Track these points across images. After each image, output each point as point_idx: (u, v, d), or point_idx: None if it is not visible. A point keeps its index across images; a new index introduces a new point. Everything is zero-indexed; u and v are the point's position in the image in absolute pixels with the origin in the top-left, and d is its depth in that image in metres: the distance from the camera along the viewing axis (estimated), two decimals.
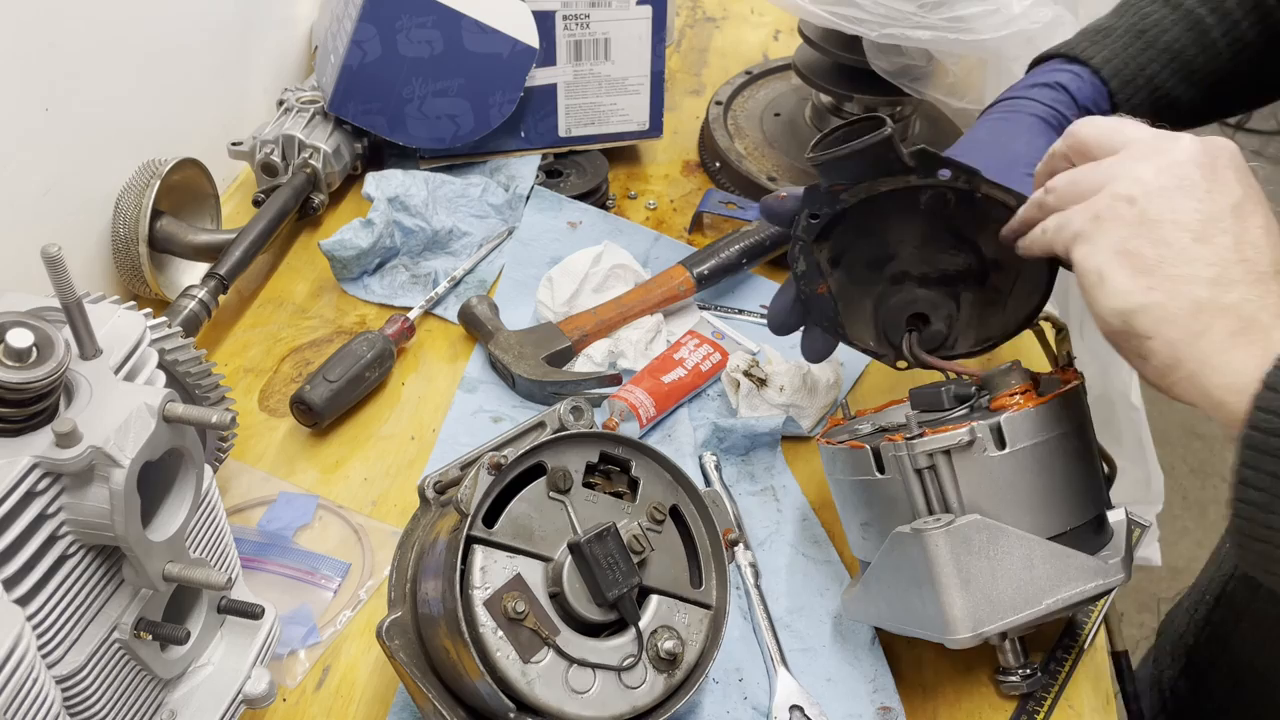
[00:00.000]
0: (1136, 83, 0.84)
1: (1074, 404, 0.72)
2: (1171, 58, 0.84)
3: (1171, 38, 0.84)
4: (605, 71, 1.19)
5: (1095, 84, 0.84)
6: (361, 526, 0.87)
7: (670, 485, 0.72)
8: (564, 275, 1.04)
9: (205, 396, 0.79)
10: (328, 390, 0.92)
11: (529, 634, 0.64)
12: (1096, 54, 0.84)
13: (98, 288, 0.92)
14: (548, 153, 1.22)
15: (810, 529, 0.88)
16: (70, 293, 0.57)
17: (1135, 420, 1.25)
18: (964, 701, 0.76)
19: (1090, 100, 0.83)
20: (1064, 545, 0.69)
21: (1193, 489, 2.32)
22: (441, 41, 1.10)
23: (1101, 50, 0.85)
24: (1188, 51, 0.84)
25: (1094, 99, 0.83)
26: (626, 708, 0.65)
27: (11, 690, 0.53)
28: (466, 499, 0.64)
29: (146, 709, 0.66)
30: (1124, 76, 0.84)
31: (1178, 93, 0.85)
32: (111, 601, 0.61)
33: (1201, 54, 0.85)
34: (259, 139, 1.14)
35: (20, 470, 0.53)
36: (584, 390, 0.95)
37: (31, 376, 0.53)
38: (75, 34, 0.94)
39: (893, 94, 1.14)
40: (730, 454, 0.93)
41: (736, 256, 1.05)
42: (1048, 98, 0.83)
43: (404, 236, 1.08)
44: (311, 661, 0.78)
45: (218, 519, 0.69)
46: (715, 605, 0.71)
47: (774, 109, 1.32)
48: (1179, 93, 0.85)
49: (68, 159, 0.96)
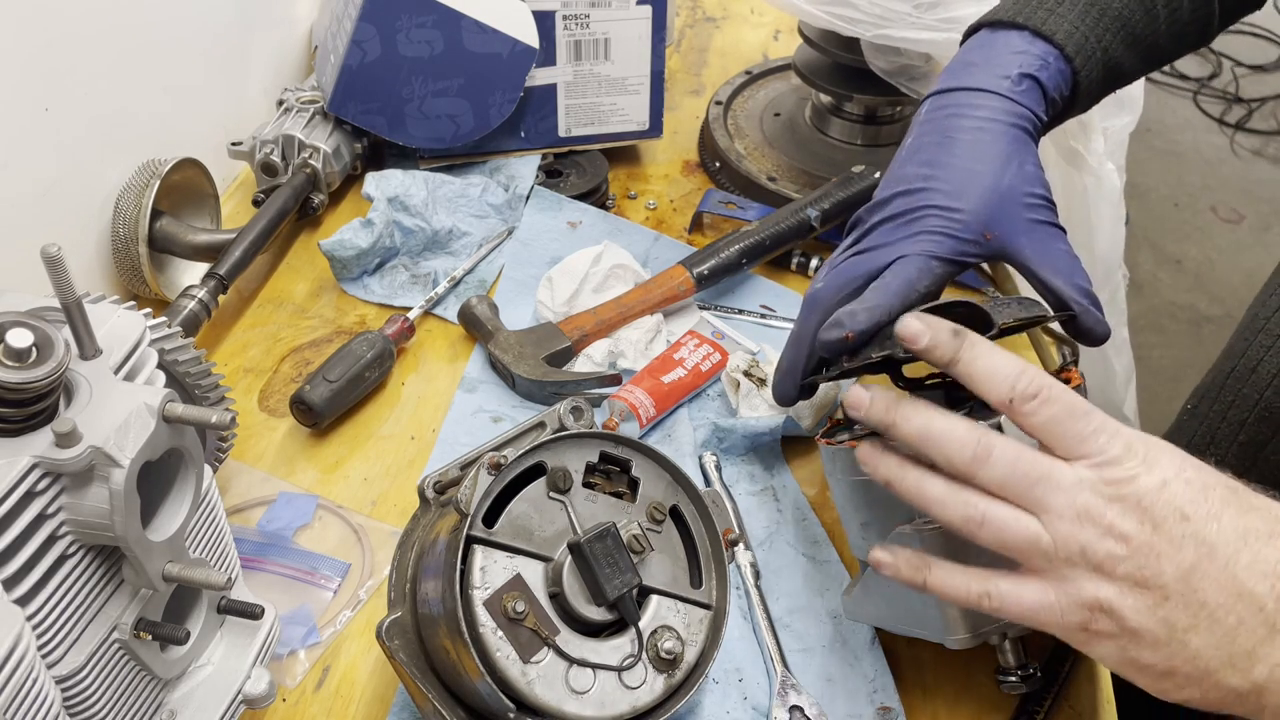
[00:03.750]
0: (1095, 57, 0.80)
1: None
2: (1121, 26, 0.81)
3: (1121, 4, 0.81)
4: (605, 71, 1.19)
5: (1061, 67, 0.79)
6: (361, 526, 0.87)
7: (670, 485, 0.72)
8: (564, 275, 1.04)
9: (205, 396, 0.79)
10: (327, 390, 0.92)
11: (529, 634, 0.64)
12: (1059, 28, 0.79)
13: (98, 288, 0.92)
14: (548, 153, 1.22)
15: (810, 529, 0.88)
16: (70, 293, 0.57)
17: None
18: (964, 702, 0.76)
19: (1057, 89, 0.79)
20: None
21: None
22: (441, 41, 1.10)
23: (1063, 24, 0.79)
24: (1134, 18, 0.82)
25: (1060, 86, 0.79)
26: (626, 708, 0.65)
27: (11, 690, 0.53)
28: (466, 499, 0.64)
29: (146, 709, 0.66)
30: (1086, 53, 0.79)
31: (1124, 62, 0.83)
32: (111, 601, 0.61)
33: (1144, 21, 0.83)
34: (259, 139, 1.14)
35: (20, 470, 0.53)
36: (584, 390, 0.95)
37: (31, 376, 0.53)
38: (74, 34, 0.94)
39: (892, 94, 1.14)
40: (730, 454, 0.93)
41: (736, 256, 1.06)
42: (1023, 96, 0.77)
43: (404, 236, 1.09)
44: (311, 661, 0.78)
45: (218, 519, 0.69)
46: (715, 605, 0.71)
47: (774, 109, 1.32)
48: (1125, 62, 0.83)
49: (68, 159, 0.96)
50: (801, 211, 1.08)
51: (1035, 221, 0.74)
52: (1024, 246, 0.74)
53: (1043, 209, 0.75)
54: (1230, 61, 3.79)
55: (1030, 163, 0.76)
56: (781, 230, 1.07)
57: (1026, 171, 0.75)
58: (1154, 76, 3.63)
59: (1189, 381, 2.09)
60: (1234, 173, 3.39)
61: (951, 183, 0.75)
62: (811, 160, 1.23)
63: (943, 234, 0.74)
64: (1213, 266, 3.10)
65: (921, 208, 0.75)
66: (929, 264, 0.74)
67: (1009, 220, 0.74)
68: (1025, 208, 0.74)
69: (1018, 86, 0.77)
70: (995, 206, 0.74)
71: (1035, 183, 0.75)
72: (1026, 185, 0.75)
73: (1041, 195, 0.75)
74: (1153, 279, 3.02)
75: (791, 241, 1.08)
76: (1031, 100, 0.77)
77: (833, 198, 1.10)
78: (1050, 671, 0.78)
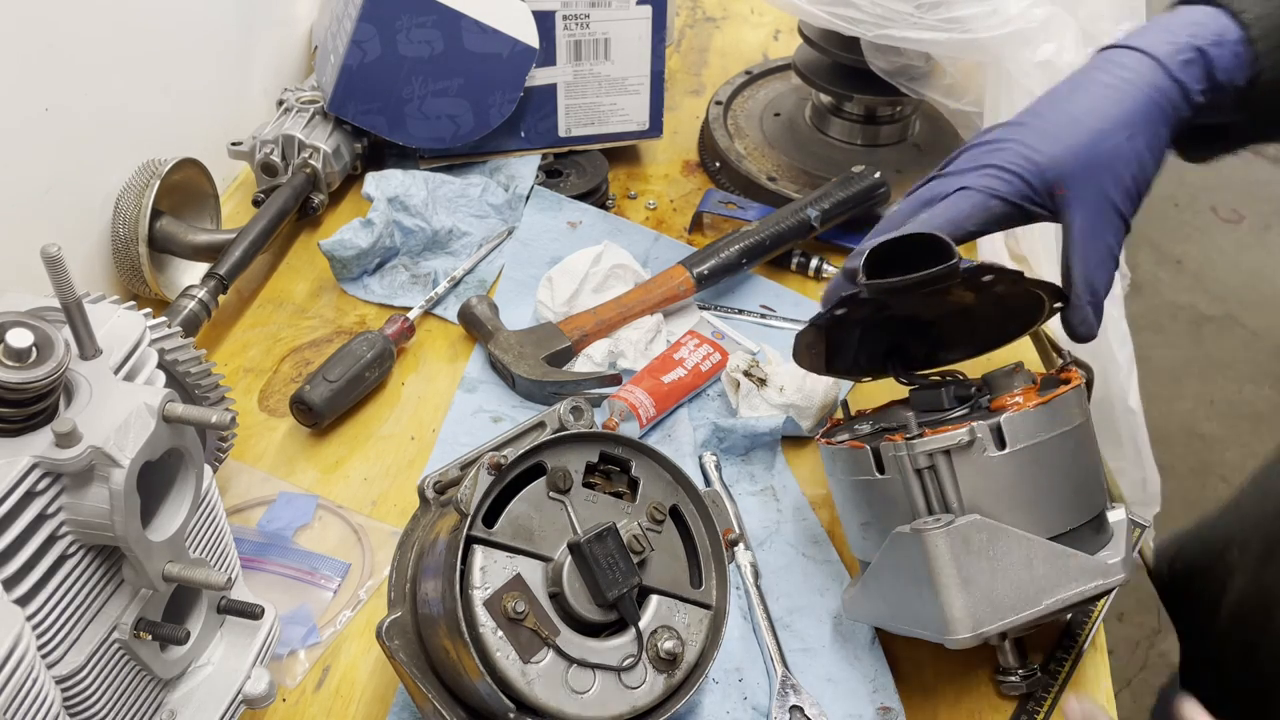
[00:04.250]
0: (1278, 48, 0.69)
1: (1075, 404, 0.72)
2: None
3: None
4: (605, 71, 1.19)
5: (1239, 50, 0.69)
6: (361, 526, 0.87)
7: (670, 485, 0.72)
8: (564, 275, 1.04)
9: (205, 396, 0.79)
10: (327, 390, 0.92)
11: (529, 634, 0.64)
12: (1249, 6, 0.70)
13: (98, 288, 0.92)
14: (548, 153, 1.22)
15: (810, 529, 0.87)
16: (70, 293, 0.57)
17: (1133, 423, 1.25)
18: (964, 701, 0.76)
19: (1228, 74, 0.69)
20: (1064, 545, 0.69)
21: (1193, 489, 2.32)
22: (441, 41, 1.10)
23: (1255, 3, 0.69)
24: None
25: (1232, 71, 0.69)
26: (626, 708, 0.65)
27: (11, 690, 0.53)
28: (466, 499, 0.64)
29: (146, 709, 0.66)
30: (1272, 39, 0.69)
31: None
32: (111, 601, 0.61)
33: None
34: (259, 139, 1.14)
35: (20, 470, 0.53)
36: (584, 390, 0.95)
37: (31, 376, 0.53)
38: (75, 34, 0.94)
39: (892, 94, 1.14)
40: (730, 454, 0.93)
41: (736, 256, 1.05)
42: (1180, 69, 0.69)
43: (404, 236, 1.08)
44: (311, 661, 0.78)
45: (218, 519, 0.69)
46: (715, 605, 0.71)
47: (774, 109, 1.32)
48: None
49: (68, 159, 0.96)
50: (801, 211, 1.08)
51: (1106, 202, 0.69)
52: (1077, 221, 0.69)
53: (1124, 194, 0.69)
54: None
55: (1145, 139, 0.68)
56: (781, 230, 1.07)
57: (1134, 146, 0.68)
58: None
59: (1189, 381, 2.10)
60: (1234, 173, 3.38)
61: (1049, 124, 0.69)
62: (811, 160, 1.23)
63: (1014, 172, 0.69)
64: (1213, 266, 3.09)
65: (1007, 140, 0.70)
66: (986, 201, 0.69)
67: (1084, 186, 0.68)
68: (1109, 182, 0.68)
69: (1179, 55, 0.69)
70: (1079, 165, 0.68)
71: (1134, 164, 0.69)
72: (1123, 162, 0.68)
73: (1133, 180, 0.69)
74: (1153, 279, 3.01)
75: (791, 241, 1.08)
76: (1189, 75, 0.69)
77: (833, 198, 1.10)
78: (1050, 672, 0.78)
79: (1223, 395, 2.55)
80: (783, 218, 1.08)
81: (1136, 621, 2.08)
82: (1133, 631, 2.07)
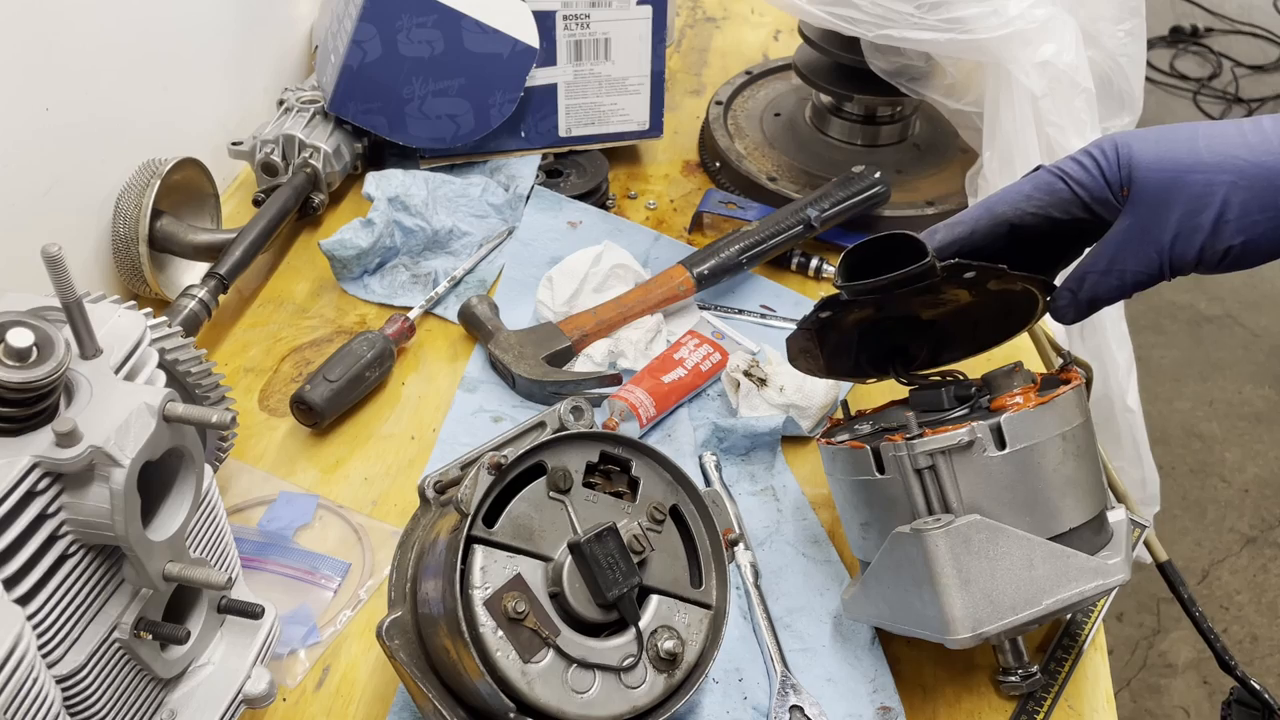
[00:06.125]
0: None
1: (1074, 404, 0.72)
2: None
3: None
4: (605, 71, 1.19)
5: None
6: (361, 526, 0.87)
7: (670, 485, 0.72)
8: (564, 275, 1.04)
9: (205, 396, 0.79)
10: (328, 390, 0.92)
11: (529, 634, 0.64)
12: None
13: (98, 287, 0.92)
14: (548, 153, 1.22)
15: (810, 529, 0.88)
16: (70, 292, 0.57)
17: (1132, 423, 1.25)
18: (964, 702, 0.76)
19: None
20: (1064, 545, 0.69)
21: (1192, 489, 2.32)
22: (442, 41, 1.10)
23: None
24: None
25: None
26: (626, 708, 0.65)
27: (11, 690, 0.53)
28: (466, 499, 0.64)
29: (146, 709, 0.66)
30: None
31: None
32: (111, 601, 0.61)
33: None
34: (259, 139, 1.14)
35: (20, 470, 0.53)
36: (584, 390, 0.95)
37: (32, 376, 0.53)
38: (75, 34, 0.94)
39: (892, 94, 1.14)
40: (730, 454, 0.93)
41: (736, 256, 1.06)
42: None
43: (404, 236, 1.09)
44: (311, 661, 0.78)
45: (218, 519, 0.69)
46: (715, 605, 0.71)
47: (774, 109, 1.32)
48: None
49: (68, 159, 0.96)
50: (801, 211, 1.08)
51: (1157, 227, 0.63)
52: (1117, 227, 0.66)
53: (1176, 234, 0.62)
54: (1230, 62, 3.79)
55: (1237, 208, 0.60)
56: (781, 230, 1.07)
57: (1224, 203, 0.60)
58: (1154, 77, 3.62)
59: (1189, 381, 2.11)
60: None
61: (1166, 133, 0.64)
62: (811, 160, 1.23)
63: (1095, 158, 0.66)
64: None
65: (1115, 134, 0.66)
66: (1053, 183, 0.67)
67: (1154, 200, 0.62)
68: (1186, 210, 0.61)
69: None
70: (1164, 174, 0.62)
71: (1211, 212, 0.61)
72: (1202, 204, 0.60)
73: (1195, 228, 0.62)
74: None
75: (791, 241, 1.08)
76: None
77: (833, 198, 1.10)
78: (1050, 672, 0.78)
79: (1222, 395, 2.55)
80: (783, 218, 1.08)
81: (1136, 621, 2.08)
82: (1133, 631, 2.07)
